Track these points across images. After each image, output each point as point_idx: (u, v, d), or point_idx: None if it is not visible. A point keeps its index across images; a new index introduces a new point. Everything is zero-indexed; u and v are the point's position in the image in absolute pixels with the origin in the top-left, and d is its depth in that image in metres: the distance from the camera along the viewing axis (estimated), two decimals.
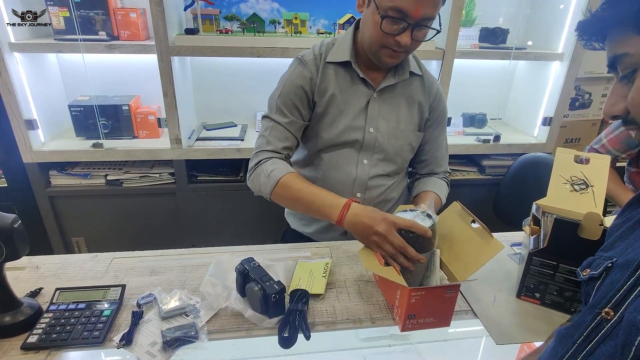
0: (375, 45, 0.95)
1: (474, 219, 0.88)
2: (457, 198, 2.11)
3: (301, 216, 1.24)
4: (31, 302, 0.80)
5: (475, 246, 0.85)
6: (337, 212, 0.91)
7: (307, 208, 0.97)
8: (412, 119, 1.11)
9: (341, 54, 1.03)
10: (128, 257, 1.00)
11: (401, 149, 1.12)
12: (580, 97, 2.15)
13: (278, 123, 1.04)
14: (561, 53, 1.90)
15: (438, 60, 1.80)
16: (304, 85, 1.04)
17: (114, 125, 1.79)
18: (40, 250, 1.84)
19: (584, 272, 0.58)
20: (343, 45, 1.04)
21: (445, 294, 0.77)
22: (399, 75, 1.07)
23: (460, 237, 0.90)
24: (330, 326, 0.81)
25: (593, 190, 0.91)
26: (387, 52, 0.95)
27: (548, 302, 0.87)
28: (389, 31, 0.90)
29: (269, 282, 0.79)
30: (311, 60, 1.05)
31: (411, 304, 0.75)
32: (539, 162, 1.83)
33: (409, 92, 1.09)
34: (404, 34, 0.90)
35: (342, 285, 0.93)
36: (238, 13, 1.81)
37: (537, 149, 2.00)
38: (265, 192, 1.01)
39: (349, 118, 1.06)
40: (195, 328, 0.76)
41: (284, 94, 1.04)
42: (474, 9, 1.98)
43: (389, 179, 1.15)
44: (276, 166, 1.00)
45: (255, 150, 1.05)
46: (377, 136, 1.08)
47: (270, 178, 0.98)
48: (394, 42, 0.92)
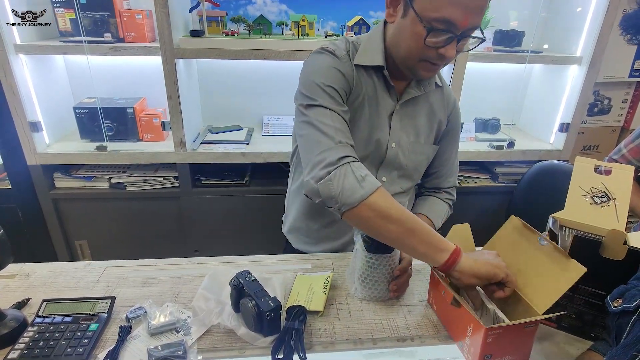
0: (415, 58, 0.84)
1: (541, 237, 0.78)
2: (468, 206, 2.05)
3: (307, 234, 1.12)
4: (16, 314, 0.76)
5: (550, 270, 0.74)
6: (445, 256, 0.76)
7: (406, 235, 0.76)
8: (431, 132, 1.04)
9: (372, 57, 0.91)
10: (121, 266, 0.97)
11: (420, 164, 1.05)
12: (600, 102, 2.06)
13: (335, 112, 0.84)
14: (579, 56, 1.82)
15: (450, 64, 1.73)
16: (346, 79, 0.89)
17: (119, 127, 1.77)
18: (43, 253, 1.84)
19: (615, 303, 0.52)
20: (372, 47, 0.92)
21: (524, 329, 0.69)
22: (425, 87, 0.98)
23: (529, 260, 0.79)
24: (329, 347, 0.76)
25: (615, 203, 0.84)
26: (427, 65, 0.84)
27: (565, 325, 0.80)
28: (433, 45, 0.79)
29: (264, 299, 0.75)
30: (344, 56, 0.91)
31: (487, 343, 0.68)
32: (555, 170, 1.74)
33: (430, 104, 1.02)
34: (449, 47, 0.79)
35: (343, 301, 0.88)
36: (245, 15, 1.78)
37: (553, 157, 1.92)
38: (350, 199, 0.76)
39: (373, 129, 0.96)
40: (184, 347, 0.71)
41: (330, 78, 0.86)
42: (488, 11, 1.91)
43: (404, 195, 1.07)
44: (369, 172, 0.79)
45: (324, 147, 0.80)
46: (399, 152, 1.00)
47: (365, 182, 0.76)
48: (436, 55, 0.81)
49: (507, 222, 0.86)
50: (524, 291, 0.77)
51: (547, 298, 0.71)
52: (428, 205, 1.11)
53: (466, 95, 1.81)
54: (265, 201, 1.84)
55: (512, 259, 0.81)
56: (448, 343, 0.78)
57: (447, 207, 1.14)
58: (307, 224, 1.10)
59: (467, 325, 0.72)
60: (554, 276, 0.72)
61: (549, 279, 0.73)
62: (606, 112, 2.08)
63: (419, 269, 0.98)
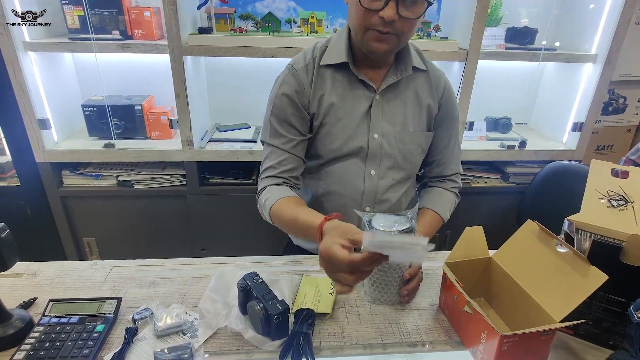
0: (361, 29, 0.85)
1: (560, 242, 0.75)
2: (478, 206, 2.02)
3: None
4: (22, 314, 0.76)
5: (568, 277, 0.71)
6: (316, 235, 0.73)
7: (292, 230, 0.93)
8: (421, 118, 1.01)
9: (336, 56, 0.94)
10: (128, 265, 0.96)
11: (410, 153, 1.02)
12: (614, 101, 2.02)
13: (275, 147, 0.98)
14: (594, 54, 1.77)
15: (461, 62, 1.70)
16: (295, 98, 0.95)
17: (127, 125, 1.77)
18: (52, 250, 1.85)
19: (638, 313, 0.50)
20: (337, 45, 0.95)
21: (540, 337, 0.67)
22: (401, 72, 0.96)
23: (546, 265, 0.76)
24: (338, 351, 0.75)
25: (633, 207, 0.81)
26: (373, 34, 0.84)
27: (582, 332, 0.78)
28: (369, 6, 0.81)
29: (271, 302, 0.73)
30: (302, 68, 0.96)
31: (502, 351, 0.65)
32: (568, 171, 1.70)
33: (413, 89, 0.99)
34: (387, 8, 0.80)
35: (352, 304, 0.86)
36: (253, 12, 1.76)
37: (566, 156, 1.88)
38: (264, 217, 0.98)
39: (351, 127, 0.97)
40: (191, 350, 0.70)
41: (276, 112, 0.97)
42: (500, 8, 1.88)
43: (399, 187, 1.05)
44: (269, 195, 0.93)
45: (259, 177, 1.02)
46: (383, 142, 0.98)
47: (264, 208, 0.94)
48: (378, 20, 0.82)
49: (524, 226, 0.83)
50: (539, 297, 0.74)
51: (564, 305, 0.68)
52: (433, 197, 1.09)
53: (477, 94, 1.77)
54: None
55: (528, 264, 0.79)
56: (460, 349, 0.76)
57: (453, 196, 1.11)
58: None
59: (480, 332, 0.70)
60: (573, 283, 0.70)
61: (567, 285, 0.71)
62: (621, 112, 2.03)
63: (429, 272, 0.96)
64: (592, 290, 0.66)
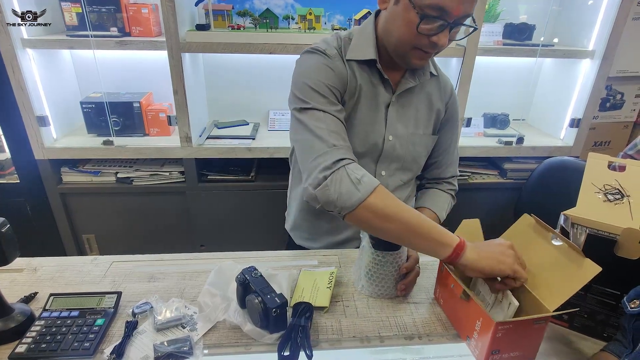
0: (407, 46, 0.83)
1: (556, 235, 0.76)
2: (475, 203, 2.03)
3: (308, 231, 1.12)
4: (23, 308, 0.77)
5: (563, 268, 0.72)
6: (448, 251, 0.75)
7: (406, 232, 0.75)
8: (430, 122, 1.03)
9: (364, 51, 0.91)
10: (128, 260, 0.96)
11: (418, 155, 1.04)
12: (612, 97, 2.02)
13: (329, 113, 0.83)
14: (592, 50, 1.78)
15: (458, 58, 1.71)
16: (339, 77, 0.88)
17: (125, 122, 1.77)
18: (52, 246, 1.85)
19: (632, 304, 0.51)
20: (364, 40, 0.91)
21: (533, 325, 0.68)
22: (419, 77, 0.97)
23: (542, 258, 0.77)
24: (335, 344, 0.76)
25: (629, 201, 0.82)
26: (419, 53, 0.84)
27: (577, 325, 0.79)
28: (425, 32, 0.79)
29: (270, 295, 0.74)
30: (335, 55, 0.90)
31: (497, 338, 0.67)
32: (565, 167, 1.71)
33: (426, 94, 1.00)
34: (441, 34, 0.79)
35: (350, 298, 0.87)
36: (251, 8, 1.76)
37: (563, 152, 1.89)
38: (348, 202, 0.75)
39: (369, 125, 0.95)
40: (190, 342, 0.71)
41: (322, 77, 0.85)
42: (498, 4, 1.88)
43: (405, 188, 1.06)
44: (365, 172, 0.78)
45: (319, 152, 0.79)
46: (396, 144, 0.99)
47: (362, 185, 0.75)
48: (428, 43, 0.81)
49: (520, 220, 0.84)
50: (535, 289, 0.75)
51: (558, 296, 0.69)
52: (430, 198, 1.10)
53: (475, 90, 1.78)
54: (271, 196, 1.83)
55: (524, 256, 0.80)
56: (456, 342, 0.77)
57: (449, 198, 1.12)
58: (309, 220, 1.10)
59: (476, 320, 0.71)
60: (567, 274, 0.71)
61: (562, 277, 0.72)
62: (619, 107, 2.04)
63: (426, 265, 0.96)
64: (585, 281, 0.67)
